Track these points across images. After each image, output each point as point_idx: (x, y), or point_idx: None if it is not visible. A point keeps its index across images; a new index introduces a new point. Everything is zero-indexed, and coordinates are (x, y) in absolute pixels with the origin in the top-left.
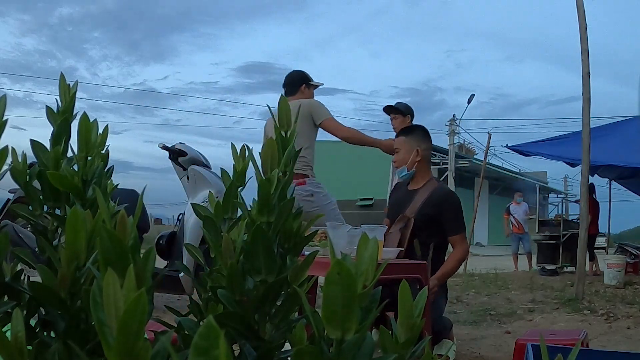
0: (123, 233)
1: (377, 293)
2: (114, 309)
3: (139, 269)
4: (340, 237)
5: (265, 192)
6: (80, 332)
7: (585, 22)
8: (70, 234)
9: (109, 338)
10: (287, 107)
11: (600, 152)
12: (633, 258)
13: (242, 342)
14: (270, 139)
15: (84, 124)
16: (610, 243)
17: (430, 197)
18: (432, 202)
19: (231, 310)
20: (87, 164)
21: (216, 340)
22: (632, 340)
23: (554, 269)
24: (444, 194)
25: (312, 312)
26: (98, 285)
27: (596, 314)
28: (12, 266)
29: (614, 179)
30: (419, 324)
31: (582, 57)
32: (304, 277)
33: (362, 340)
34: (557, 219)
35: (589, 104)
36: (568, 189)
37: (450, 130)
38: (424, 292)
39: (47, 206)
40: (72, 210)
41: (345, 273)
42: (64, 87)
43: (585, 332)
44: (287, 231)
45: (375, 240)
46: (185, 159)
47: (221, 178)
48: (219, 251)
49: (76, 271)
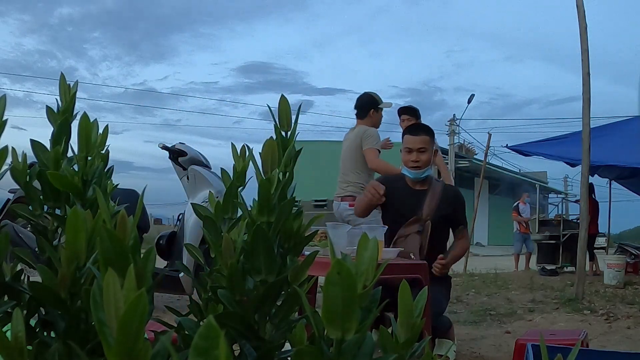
0: (123, 233)
1: (377, 293)
2: (114, 309)
3: (139, 269)
4: (340, 237)
5: (266, 192)
6: (81, 332)
7: (585, 22)
8: (71, 234)
9: (109, 338)
10: (287, 107)
11: (600, 152)
12: (633, 258)
13: (242, 342)
14: (270, 139)
15: (84, 124)
16: (610, 243)
17: (444, 198)
18: (447, 202)
19: (231, 310)
20: (87, 164)
21: (216, 340)
22: (632, 340)
23: (554, 269)
24: (454, 193)
25: (312, 312)
26: (98, 285)
27: (596, 314)
28: (12, 266)
29: (614, 179)
30: (418, 324)
31: (582, 57)
32: (304, 277)
33: (362, 340)
34: (557, 219)
35: (589, 104)
36: (568, 189)
37: (450, 130)
38: (423, 292)
39: (47, 206)
40: (72, 210)
41: (345, 273)
42: (64, 87)
43: (585, 332)
44: (287, 231)
45: (375, 241)
46: (185, 159)
47: (221, 178)
48: (219, 251)
49: (76, 271)
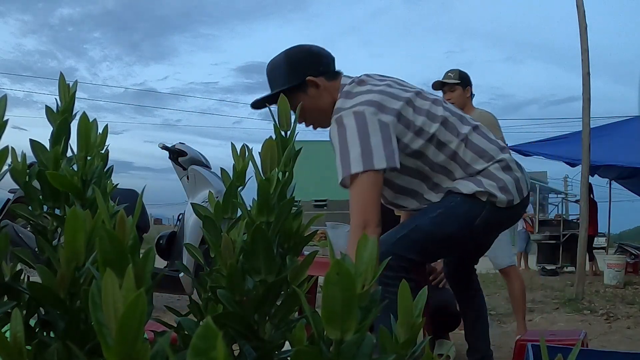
0: (122, 233)
1: (377, 293)
2: (112, 309)
3: (138, 269)
4: (339, 237)
5: (265, 192)
6: (80, 332)
7: (585, 22)
8: (70, 234)
9: (108, 338)
10: (286, 107)
11: (600, 152)
12: (633, 258)
13: (242, 342)
14: (269, 139)
15: (84, 124)
16: (610, 243)
17: None
18: None
19: (231, 311)
20: (86, 164)
21: (214, 341)
22: (632, 340)
23: (554, 269)
24: None
25: (312, 312)
26: (97, 286)
27: (596, 314)
28: (12, 266)
29: (613, 179)
30: (418, 323)
31: (582, 57)
32: (303, 277)
33: (362, 340)
34: (557, 219)
35: (589, 104)
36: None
37: None
38: (423, 292)
39: (47, 206)
40: (72, 211)
41: (345, 273)
42: (64, 87)
43: (585, 332)
44: (286, 231)
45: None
46: (185, 159)
47: (221, 178)
48: (218, 251)
49: (75, 271)
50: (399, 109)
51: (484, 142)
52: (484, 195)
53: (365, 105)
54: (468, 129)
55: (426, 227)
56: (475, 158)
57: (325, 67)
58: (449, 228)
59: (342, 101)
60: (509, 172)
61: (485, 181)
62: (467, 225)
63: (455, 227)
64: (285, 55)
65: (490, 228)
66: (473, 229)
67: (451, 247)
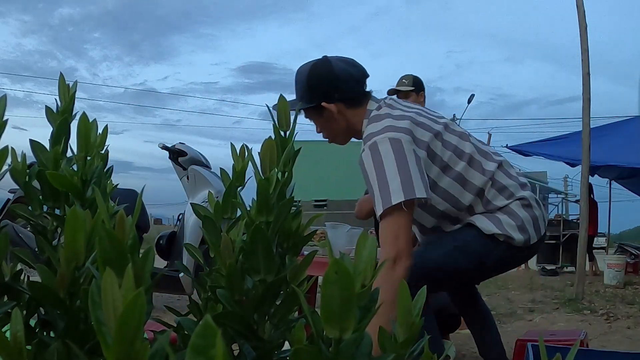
0: (122, 233)
1: (376, 293)
2: (112, 308)
3: (138, 268)
4: (339, 237)
5: (264, 192)
6: (80, 332)
7: (585, 22)
8: (70, 233)
9: (108, 338)
10: (286, 107)
11: (600, 152)
12: (633, 258)
13: (241, 341)
14: (268, 139)
15: (83, 124)
16: (610, 243)
17: None
18: None
19: (230, 310)
20: (86, 164)
21: (213, 339)
22: (632, 340)
23: (554, 269)
24: None
25: (311, 312)
26: (97, 285)
27: (596, 314)
28: (12, 266)
29: (613, 179)
30: (418, 323)
31: (582, 57)
32: (303, 277)
33: (360, 339)
34: (557, 219)
35: (589, 104)
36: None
37: None
38: (422, 291)
39: (47, 206)
40: (71, 210)
41: (343, 272)
42: (64, 87)
43: (585, 332)
44: (286, 231)
45: (374, 240)
46: (185, 159)
47: (221, 178)
48: (218, 251)
49: (75, 271)
50: (428, 142)
51: (506, 179)
52: (502, 237)
53: (401, 133)
54: (494, 167)
55: (439, 259)
56: (496, 194)
57: (344, 93)
58: (462, 264)
59: (373, 125)
60: (528, 210)
61: (504, 219)
62: (480, 264)
63: (468, 263)
64: (309, 71)
65: (502, 265)
66: (485, 266)
67: (461, 279)
